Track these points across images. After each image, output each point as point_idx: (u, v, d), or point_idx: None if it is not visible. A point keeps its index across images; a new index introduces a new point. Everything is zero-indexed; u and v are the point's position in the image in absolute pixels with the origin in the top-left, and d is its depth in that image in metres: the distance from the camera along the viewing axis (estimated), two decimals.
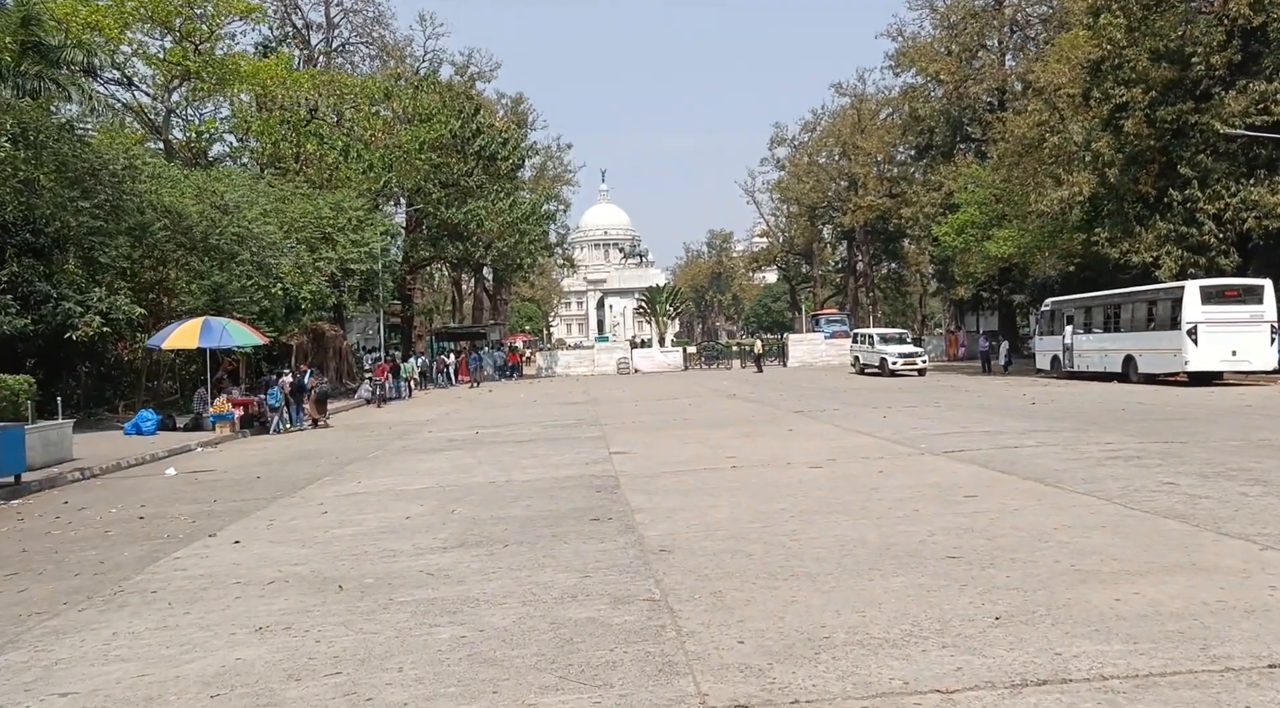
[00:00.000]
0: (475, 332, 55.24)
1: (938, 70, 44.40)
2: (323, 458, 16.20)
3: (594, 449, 15.24)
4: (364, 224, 35.29)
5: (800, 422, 18.47)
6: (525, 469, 13.07)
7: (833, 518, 8.42)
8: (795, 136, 72.91)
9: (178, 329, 22.01)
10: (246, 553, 8.21)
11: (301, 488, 12.41)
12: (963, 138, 47.76)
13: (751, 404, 24.14)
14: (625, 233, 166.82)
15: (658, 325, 78.11)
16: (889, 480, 10.38)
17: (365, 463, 15.10)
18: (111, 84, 38.79)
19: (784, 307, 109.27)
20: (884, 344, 37.99)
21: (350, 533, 8.90)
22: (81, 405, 28.00)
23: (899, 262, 75.22)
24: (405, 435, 19.88)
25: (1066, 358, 31.86)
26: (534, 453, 15.09)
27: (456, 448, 16.64)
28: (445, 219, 43.93)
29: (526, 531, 8.57)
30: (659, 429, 18.31)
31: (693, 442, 15.67)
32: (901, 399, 23.52)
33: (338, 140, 38.94)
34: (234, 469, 15.20)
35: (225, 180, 31.26)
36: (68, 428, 16.24)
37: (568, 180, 74.66)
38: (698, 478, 11.40)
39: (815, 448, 13.85)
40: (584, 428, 19.43)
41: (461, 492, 11.22)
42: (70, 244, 24.82)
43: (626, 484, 11.14)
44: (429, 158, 41.58)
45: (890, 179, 61.09)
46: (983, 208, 37.69)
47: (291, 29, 50.28)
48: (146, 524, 10.08)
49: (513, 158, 47.63)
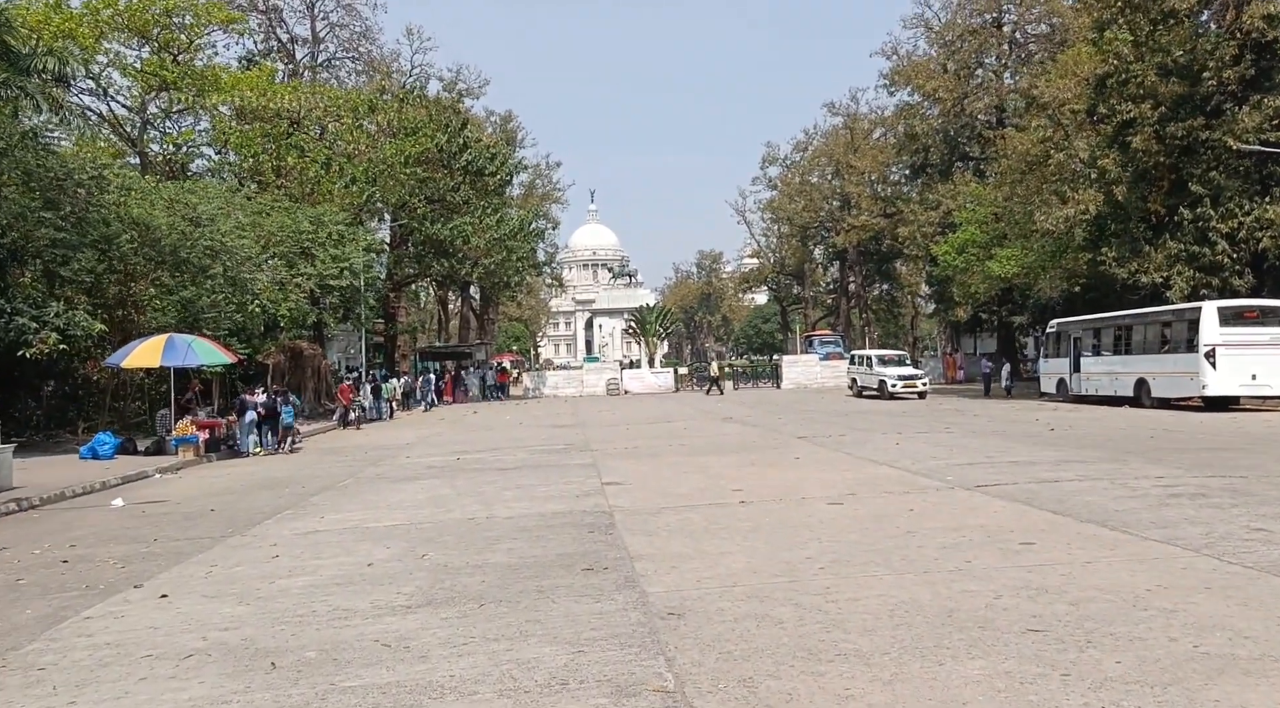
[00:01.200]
0: (461, 351, 53.80)
1: (935, 88, 43.56)
2: (288, 487, 14.80)
3: (585, 479, 13.91)
4: (345, 239, 33.99)
5: (806, 449, 17.19)
6: (509, 503, 11.73)
7: (870, 570, 7.12)
8: (787, 156, 72.19)
9: (139, 347, 20.59)
10: (171, 612, 6.85)
11: (257, 524, 11.03)
12: (960, 156, 46.88)
13: (750, 428, 22.85)
14: (614, 253, 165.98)
15: (647, 346, 76.70)
16: (925, 521, 9.09)
17: (333, 493, 13.72)
18: (86, 94, 37.56)
19: (774, 328, 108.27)
20: (883, 366, 36.81)
21: (300, 585, 7.54)
22: (41, 427, 26.52)
23: (892, 283, 74.36)
24: (381, 461, 18.50)
25: (1073, 381, 30.74)
26: (519, 483, 13.76)
27: (434, 476, 15.28)
28: (430, 235, 42.67)
29: (507, 584, 7.24)
30: (654, 456, 17.00)
31: (693, 471, 14.36)
32: (909, 424, 22.28)
33: (319, 153, 37.69)
34: (188, 500, 13.79)
35: (199, 193, 29.96)
36: (7, 453, 14.82)
37: (557, 198, 73.60)
38: (703, 516, 10.09)
39: (830, 480, 12.56)
40: (573, 454, 18.10)
41: (435, 531, 9.88)
42: (29, 256, 23.43)
43: (623, 523, 9.83)
44: (414, 172, 40.37)
45: (884, 199, 60.22)
46: (983, 227, 36.68)
47: (276, 43, 49.15)
48: (67, 571, 8.69)
49: (500, 173, 46.46)
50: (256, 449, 22.29)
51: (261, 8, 46.22)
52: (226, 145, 38.51)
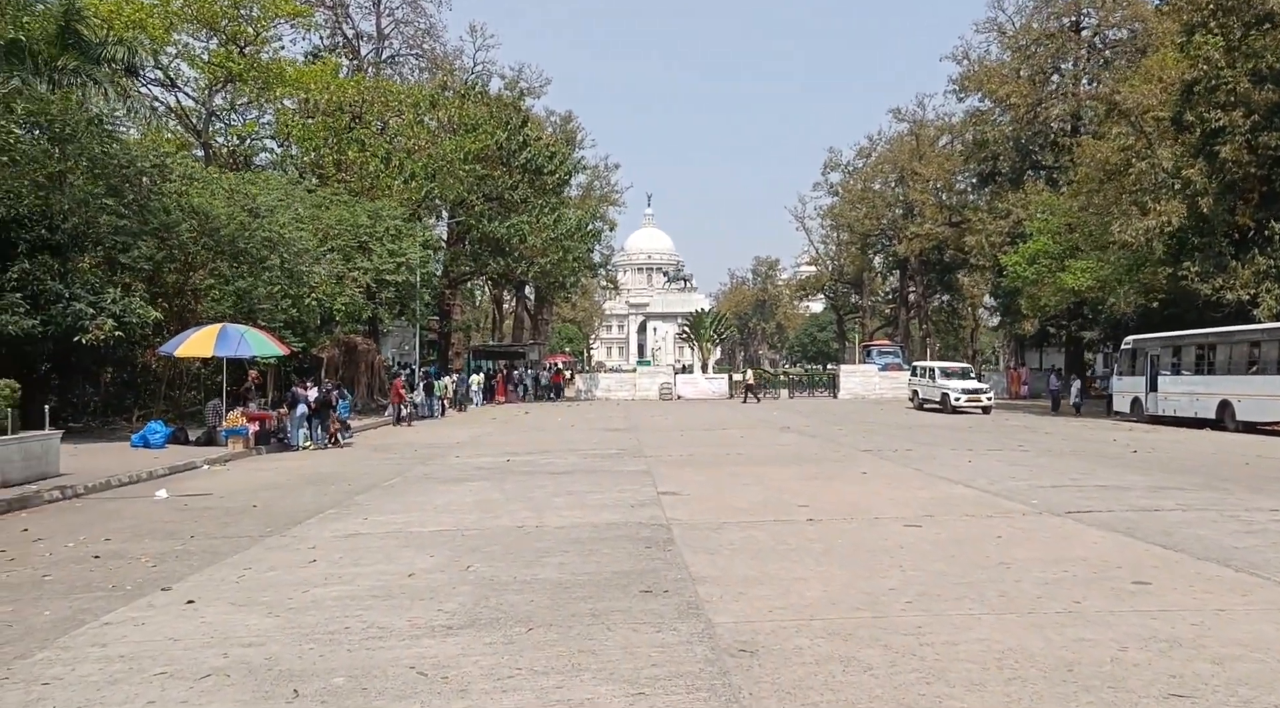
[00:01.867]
0: (514, 351, 53.52)
1: (1008, 93, 42.12)
2: (334, 484, 14.36)
3: (639, 487, 13.24)
4: (402, 234, 33.78)
5: (872, 462, 16.33)
6: (559, 510, 11.10)
7: (965, 607, 6.34)
8: (850, 162, 70.86)
9: (192, 336, 20.41)
10: (195, 621, 6.31)
11: (298, 523, 10.55)
12: (1032, 165, 45.30)
13: (810, 439, 22.00)
14: (669, 257, 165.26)
15: (701, 351, 75.88)
16: (1016, 551, 8.25)
17: (378, 493, 13.23)
18: (154, 86, 37.98)
19: (830, 336, 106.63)
20: (946, 379, 35.60)
21: (335, 596, 6.97)
22: (98, 413, 26.62)
23: (953, 294, 72.58)
24: (430, 460, 18.03)
25: (1149, 401, 29.29)
26: (570, 489, 13.14)
27: (483, 478, 14.73)
28: (487, 233, 42.38)
29: (558, 604, 6.59)
30: (711, 465, 16.27)
31: (753, 482, 13.61)
32: (978, 440, 21.24)
33: (379, 148, 37.60)
34: (232, 494, 13.41)
35: (259, 184, 29.95)
36: (54, 440, 14.59)
37: (614, 201, 73.10)
38: (769, 533, 9.35)
39: (902, 498, 11.73)
40: (626, 460, 17.45)
41: (481, 539, 9.28)
42: (90, 242, 23.48)
43: (682, 538, 9.13)
44: (473, 169, 40.10)
45: (950, 207, 58.68)
46: (1056, 237, 35.25)
47: (342, 39, 49.45)
48: (97, 568, 8.24)
49: (559, 172, 46.04)
50: (306, 443, 22.03)
51: (328, 3, 46.47)
52: (289, 138, 38.66)
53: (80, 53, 26.27)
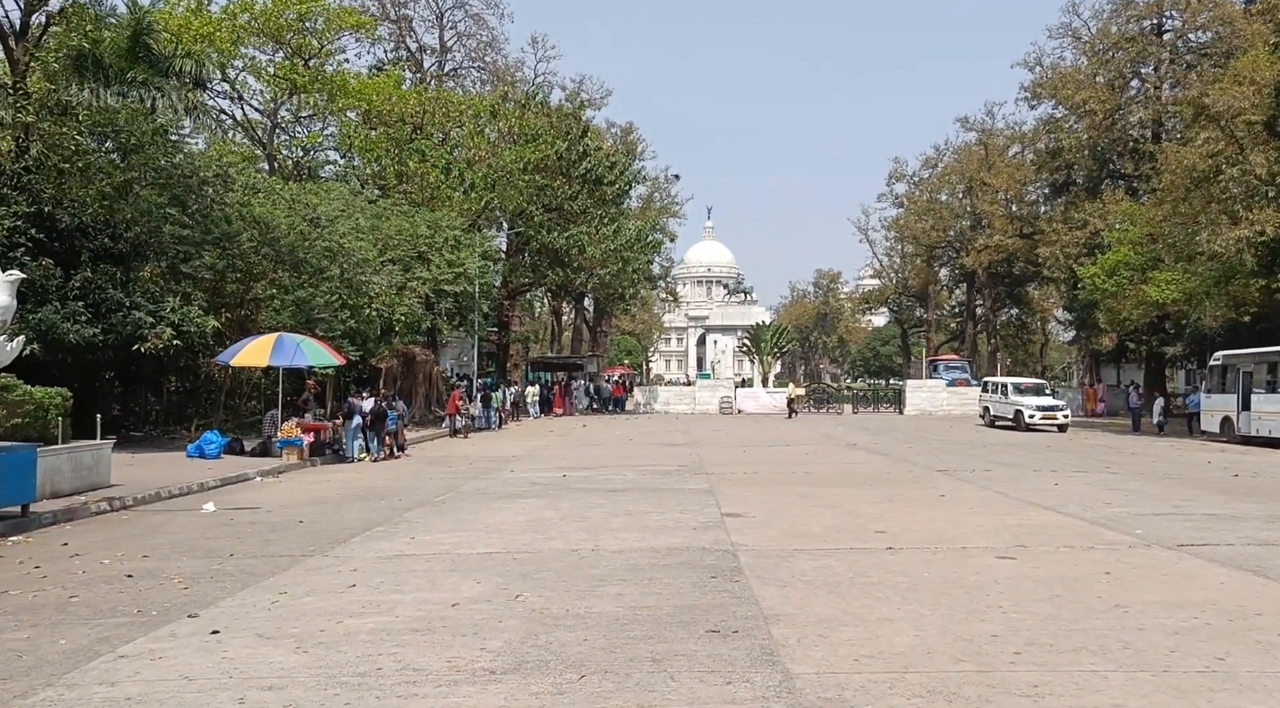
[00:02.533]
0: (572, 363, 53.13)
1: (1084, 99, 40.51)
2: (384, 499, 13.87)
3: (701, 507, 12.49)
4: (461, 244, 33.55)
5: (949, 485, 15.33)
6: (617, 532, 10.40)
7: (1086, 663, 5.47)
8: (915, 172, 69.24)
9: (249, 345, 20.20)
10: (216, 656, 5.73)
11: (342, 542, 10.01)
12: (1110, 173, 43.51)
13: (879, 458, 21.00)
14: (729, 270, 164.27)
15: (761, 365, 74.80)
16: (1131, 591, 7.32)
17: (428, 510, 12.68)
18: (222, 98, 38.42)
19: (893, 351, 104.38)
20: (1019, 395, 34.14)
21: (370, 628, 6.35)
22: (160, 422, 26.71)
23: (1023, 308, 70.43)
24: (483, 474, 17.49)
25: (1241, 420, 27.61)
26: (629, 508, 12.43)
27: (538, 495, 14.11)
28: (546, 243, 42.03)
29: (615, 645, 5.88)
30: (776, 484, 15.44)
31: (823, 505, 12.76)
32: (1061, 461, 20.03)
33: (440, 158, 37.51)
34: (280, 508, 12.98)
35: (320, 194, 29.96)
36: (106, 449, 14.35)
37: (674, 212, 72.45)
38: (846, 564, 8.52)
39: (989, 525, 10.79)
40: (687, 477, 16.70)
41: (533, 563, 8.61)
42: (152, 251, 23.55)
43: (750, 567, 8.36)
44: (533, 179, 39.81)
45: (1020, 218, 56.87)
46: (1137, 248, 33.65)
47: (405, 53, 49.69)
48: (127, 589, 7.76)
49: (619, 183, 45.55)
50: (362, 455, 21.71)
51: (393, 17, 46.72)
52: (351, 149, 38.80)
53: (150, 65, 26.46)
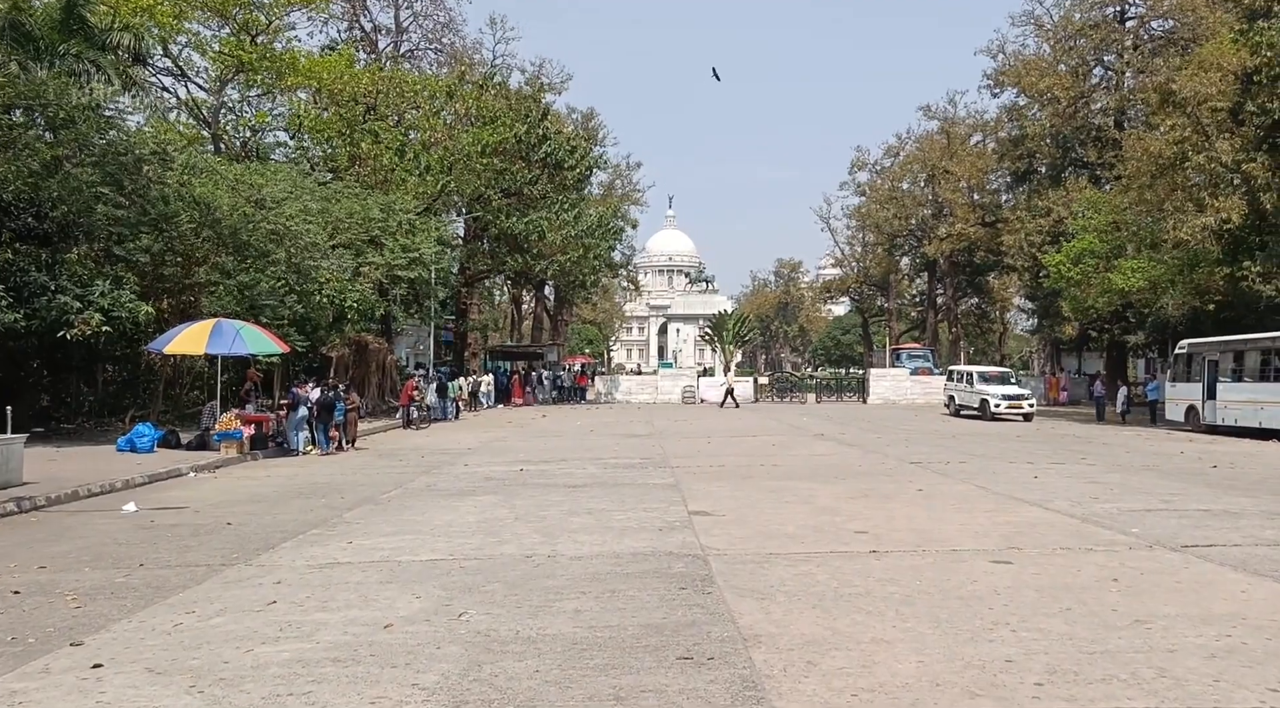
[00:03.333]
0: (532, 352, 52.07)
1: (1049, 86, 40.17)
2: (325, 497, 12.87)
3: (667, 505, 11.66)
4: (416, 229, 32.36)
5: (924, 477, 14.65)
6: (576, 535, 9.54)
7: (1123, 697, 4.69)
8: (877, 161, 68.86)
9: (184, 332, 18.98)
10: (90, 699, 4.77)
11: (271, 548, 9.04)
12: (1073, 161, 43.30)
13: (849, 449, 20.32)
14: (690, 259, 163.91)
15: (723, 353, 74.29)
16: (1148, 601, 6.59)
17: (372, 508, 11.71)
18: (165, 75, 36.77)
19: (854, 340, 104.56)
20: (985, 384, 33.71)
21: (284, 659, 5.42)
22: (94, 413, 25.33)
23: (983, 297, 70.56)
24: (435, 468, 16.52)
25: (1206, 409, 27.41)
26: (589, 506, 11.56)
27: (492, 491, 13.19)
28: (505, 229, 40.90)
29: (570, 677, 5.01)
30: (745, 478, 14.66)
31: (795, 500, 11.99)
32: (1035, 452, 19.49)
33: (394, 140, 36.19)
34: (209, 508, 11.93)
35: (266, 174, 28.64)
36: (17, 444, 13.16)
37: (636, 200, 71.43)
38: (829, 570, 7.73)
39: (975, 524, 10.08)
40: (651, 471, 15.87)
41: (481, 573, 7.72)
42: (82, 232, 22.16)
43: (723, 575, 7.53)
44: (491, 163, 38.62)
45: (983, 207, 56.73)
46: (1102, 236, 33.35)
47: (359, 32, 48.11)
48: (9, 608, 6.73)
49: (580, 167, 44.46)
50: (309, 448, 20.63)
51: None
52: (301, 129, 37.33)
53: (85, 39, 25.03)
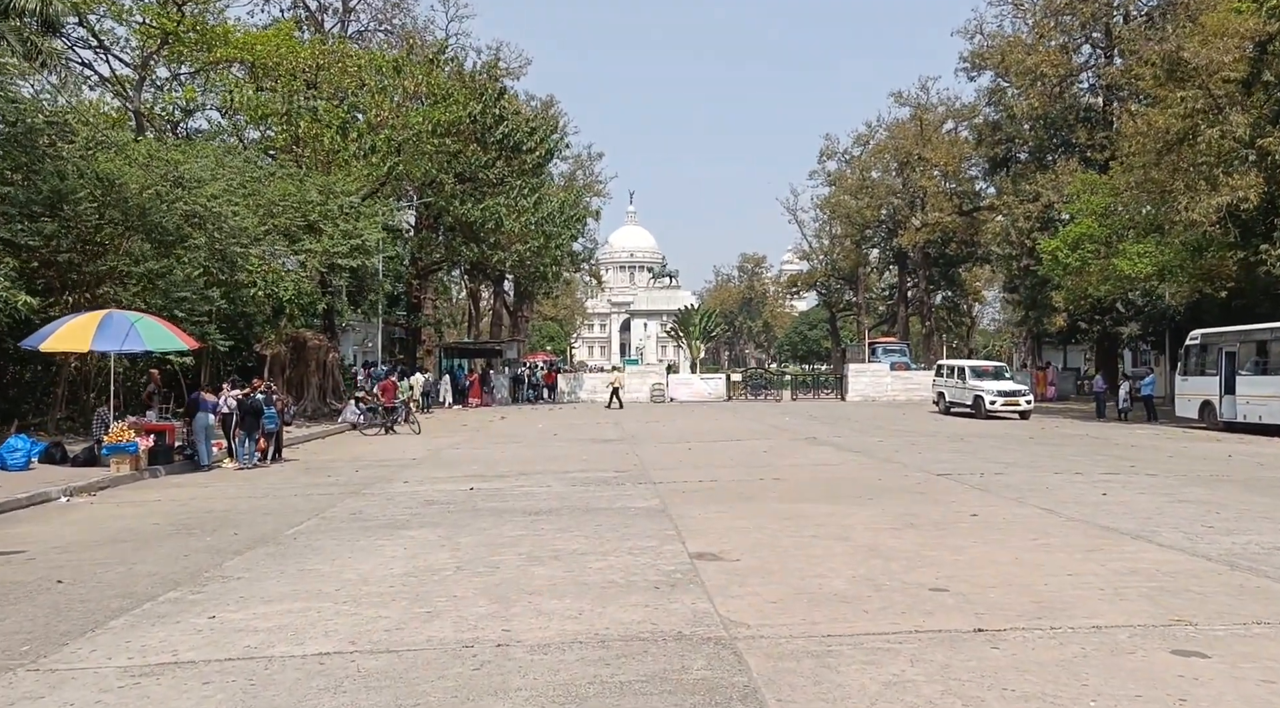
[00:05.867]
0: (490, 348, 48.94)
1: (1038, 63, 37.87)
2: (213, 534, 9.92)
3: (659, 541, 8.89)
4: (360, 213, 29.22)
5: (966, 496, 12.01)
6: (540, 597, 6.73)
7: None
8: (847, 149, 66.58)
9: (66, 325, 15.76)
10: None
11: (95, 628, 6.13)
12: (1061, 143, 41.08)
13: (854, 456, 17.67)
14: (652, 255, 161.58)
15: (689, 349, 71.85)
16: None
17: (268, 553, 8.79)
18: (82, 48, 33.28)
19: (821, 335, 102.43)
20: (977, 379, 31.33)
21: None
22: None
23: (956, 289, 68.69)
24: (368, 487, 13.59)
25: (1224, 405, 25.23)
26: (555, 545, 8.77)
27: (431, 522, 10.33)
28: (460, 216, 37.83)
29: None
30: (746, 499, 11.92)
31: (824, 534, 9.28)
32: (1067, 458, 16.99)
33: (335, 117, 32.94)
34: (53, 551, 8.95)
35: (185, 150, 25.44)
36: None
37: (598, 191, 68.53)
38: (929, 668, 4.99)
39: (1084, 571, 7.40)
40: (629, 487, 13.09)
41: (392, 687, 4.88)
42: None
43: (771, 684, 4.76)
44: (443, 144, 35.50)
45: (959, 195, 54.63)
46: (1101, 220, 31.11)
47: (304, 10, 44.65)
48: None
49: (540, 151, 41.47)
50: (225, 460, 17.63)
51: None
52: (233, 106, 33.94)
53: None
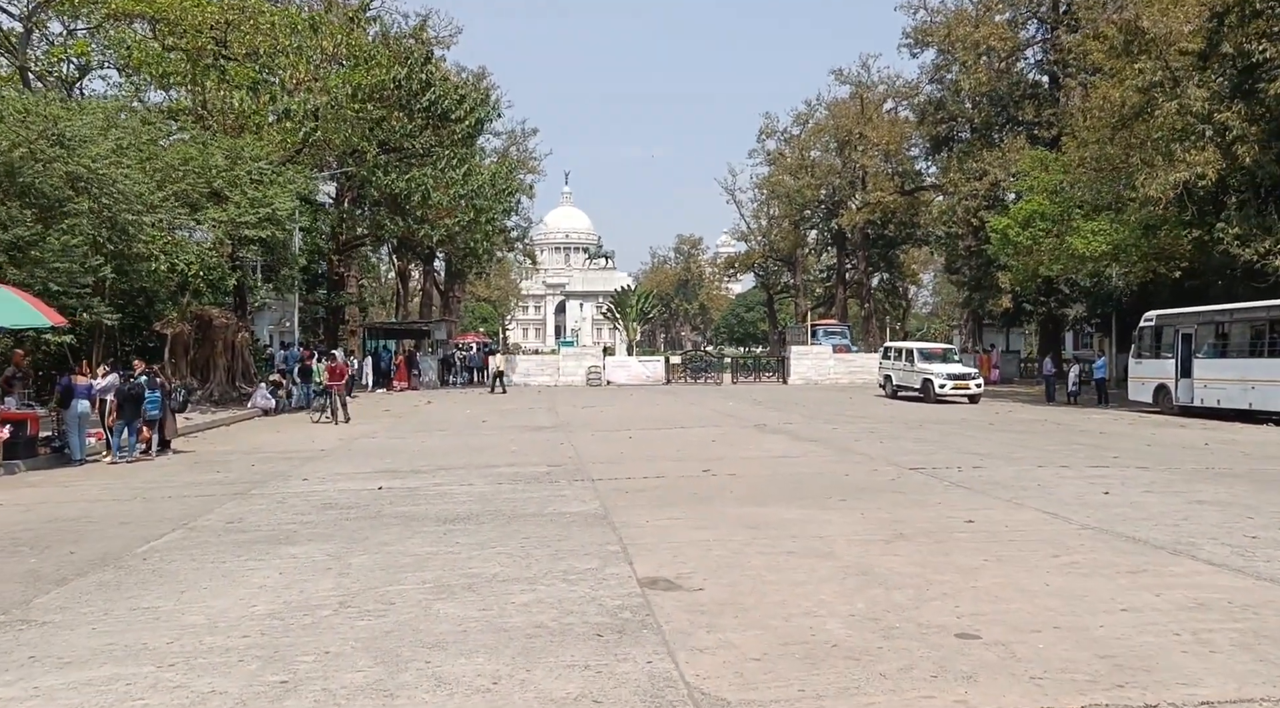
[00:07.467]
0: (418, 329, 46.57)
1: (985, 36, 36.91)
2: (46, 550, 7.91)
3: (600, 561, 7.19)
4: (269, 180, 26.82)
5: (951, 496, 10.53)
6: (440, 661, 4.95)
7: None
8: (786, 128, 65.37)
9: None
10: None
11: None
12: (1009, 120, 40.28)
13: (813, 446, 16.17)
14: (588, 236, 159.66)
15: (626, 331, 70.14)
16: None
17: (100, 582, 6.85)
18: None
19: (758, 317, 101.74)
20: (926, 362, 30.20)
21: None
22: None
23: (895, 271, 68.22)
24: (258, 486, 11.61)
25: (1180, 388, 24.45)
26: (471, 569, 7.00)
27: (322, 535, 8.47)
28: (384, 187, 35.49)
29: None
30: (702, 500, 10.27)
31: (801, 549, 7.66)
32: (1038, 447, 15.74)
33: (244, 77, 30.32)
34: None
35: (70, 107, 22.84)
36: None
37: (532, 167, 66.11)
38: None
39: (1144, 606, 5.90)
40: (564, 485, 11.36)
41: None
42: None
43: None
44: (365, 110, 33.06)
45: (901, 175, 53.79)
46: (1053, 197, 30.20)
47: None
48: None
49: (469, 120, 39.17)
50: (100, 455, 15.49)
51: None
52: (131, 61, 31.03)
53: None
